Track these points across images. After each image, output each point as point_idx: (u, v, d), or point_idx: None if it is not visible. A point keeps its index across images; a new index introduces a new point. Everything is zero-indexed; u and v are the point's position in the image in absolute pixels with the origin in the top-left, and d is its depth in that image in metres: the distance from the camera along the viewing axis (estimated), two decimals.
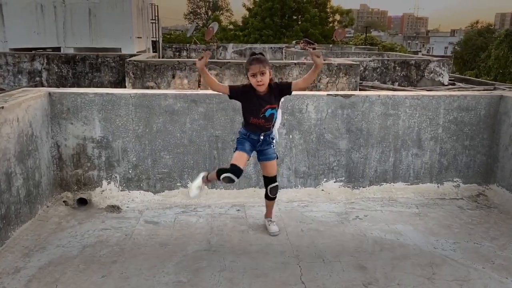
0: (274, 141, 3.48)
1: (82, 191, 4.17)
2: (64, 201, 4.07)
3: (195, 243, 3.41)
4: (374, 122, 4.33)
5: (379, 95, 4.33)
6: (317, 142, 4.33)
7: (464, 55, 45.99)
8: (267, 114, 3.29)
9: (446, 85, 11.11)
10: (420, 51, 73.00)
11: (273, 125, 3.41)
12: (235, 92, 3.33)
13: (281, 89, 3.35)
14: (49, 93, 3.94)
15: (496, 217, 3.97)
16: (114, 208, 4.04)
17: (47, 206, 3.91)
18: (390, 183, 4.46)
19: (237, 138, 3.46)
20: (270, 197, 3.54)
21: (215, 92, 4.08)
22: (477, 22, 66.44)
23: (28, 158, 3.57)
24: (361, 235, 3.57)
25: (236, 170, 3.22)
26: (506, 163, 4.29)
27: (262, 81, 3.19)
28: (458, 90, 9.30)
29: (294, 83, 3.32)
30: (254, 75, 3.19)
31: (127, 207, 4.07)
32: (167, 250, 3.28)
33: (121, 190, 4.21)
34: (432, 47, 73.22)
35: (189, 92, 4.20)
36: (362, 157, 4.39)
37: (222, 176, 3.25)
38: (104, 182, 4.19)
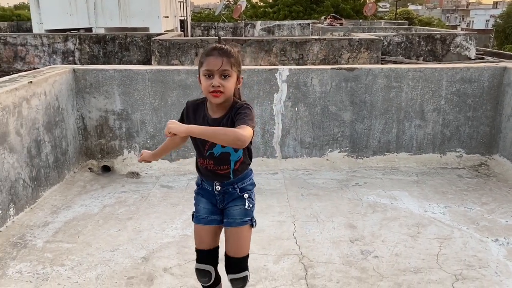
0: (246, 194, 2.14)
1: (105, 159, 4.59)
2: (89, 168, 4.51)
3: None
4: (377, 94, 4.51)
5: (382, 68, 4.49)
6: (321, 114, 4.55)
7: (506, 28, 43.92)
8: (215, 151, 2.04)
9: (473, 59, 10.92)
10: (459, 25, 70.16)
11: (235, 170, 2.08)
12: (181, 117, 2.15)
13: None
14: (74, 70, 4.34)
15: (493, 185, 4.12)
16: (134, 174, 4.44)
17: (74, 172, 4.35)
18: (393, 153, 4.65)
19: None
20: None
21: None
22: None
23: (55, 128, 4.00)
24: (357, 199, 3.82)
25: (201, 258, 2.22)
26: (508, 134, 4.39)
27: (220, 88, 1.91)
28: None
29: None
30: (208, 75, 1.93)
31: (146, 173, 4.47)
32: (177, 210, 3.65)
33: None
34: (472, 21, 70.13)
35: None
36: (365, 128, 4.59)
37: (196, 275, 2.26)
38: (125, 151, 4.59)
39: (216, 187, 2.12)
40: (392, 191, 3.97)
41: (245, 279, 2.21)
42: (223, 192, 2.13)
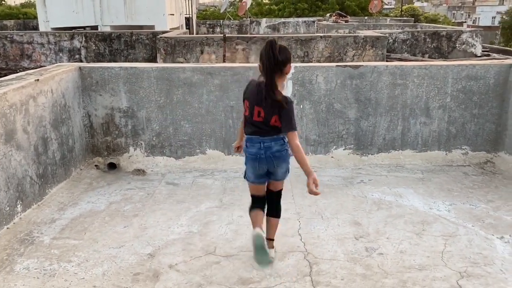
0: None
1: (111, 156, 4.62)
2: (95, 165, 4.54)
3: (209, 201, 3.78)
4: (382, 92, 4.50)
5: (387, 65, 4.48)
6: (326, 111, 4.55)
7: None
8: None
9: (479, 56, 10.85)
10: (465, 22, 69.67)
11: None
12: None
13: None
14: (80, 68, 4.36)
15: (498, 182, 4.10)
16: (140, 172, 4.47)
17: (80, 169, 4.39)
18: (398, 150, 4.65)
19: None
20: None
21: (230, 65, 4.40)
22: None
23: (62, 125, 4.03)
24: (362, 196, 3.82)
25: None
26: None
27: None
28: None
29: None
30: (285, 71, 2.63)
31: (151, 170, 4.49)
32: (183, 207, 3.67)
33: (146, 156, 4.62)
34: (479, 17, 69.61)
35: (205, 65, 4.51)
36: (370, 125, 4.59)
37: None
38: (131, 148, 4.62)
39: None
40: (397, 188, 3.97)
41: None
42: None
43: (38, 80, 3.64)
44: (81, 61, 10.00)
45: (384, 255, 2.90)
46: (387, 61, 9.42)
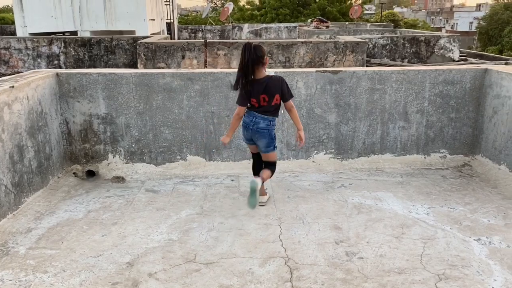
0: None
1: (90, 163, 4.55)
2: (74, 173, 4.46)
3: (189, 208, 3.74)
4: (361, 97, 4.54)
5: (365, 71, 4.53)
6: (307, 116, 4.57)
7: (489, 30, 44.65)
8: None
9: (457, 61, 11.08)
10: (443, 27, 71.08)
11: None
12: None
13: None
14: (57, 74, 4.29)
15: (475, 185, 4.17)
16: (119, 179, 4.41)
17: (58, 177, 4.31)
18: (378, 155, 4.69)
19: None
20: None
21: (210, 70, 4.40)
22: None
23: (38, 133, 3.95)
24: (343, 200, 3.84)
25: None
26: (490, 134, 4.46)
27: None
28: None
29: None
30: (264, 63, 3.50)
31: (131, 178, 4.44)
32: (163, 214, 3.63)
33: (126, 163, 4.57)
34: (457, 23, 71.16)
35: (185, 70, 4.49)
36: (350, 130, 4.62)
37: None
38: (110, 156, 4.55)
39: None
40: (377, 192, 4.00)
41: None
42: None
43: (13, 87, 3.56)
44: (60, 67, 9.86)
45: (364, 259, 2.92)
46: (367, 66, 9.54)
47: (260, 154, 3.69)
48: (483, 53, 15.64)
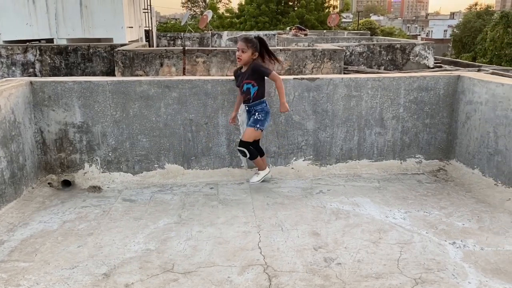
0: (257, 114, 4.19)
1: (66, 173, 4.47)
2: (49, 183, 4.37)
3: (167, 217, 3.70)
4: (338, 104, 4.60)
5: (342, 78, 4.59)
6: (286, 123, 4.60)
7: (463, 37, 45.89)
8: (244, 88, 4.16)
9: (432, 68, 11.33)
10: (419, 35, 72.69)
11: (252, 99, 4.17)
12: (234, 73, 4.35)
13: (258, 71, 4.12)
14: (31, 82, 4.21)
15: (450, 189, 4.26)
16: (96, 189, 4.34)
17: (32, 188, 4.21)
18: (355, 160, 4.74)
19: None
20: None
21: (187, 78, 4.39)
22: (476, 4, 65.91)
23: (11, 142, 3.86)
24: (321, 206, 3.86)
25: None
26: (463, 139, 4.56)
27: (239, 57, 4.11)
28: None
29: (272, 75, 4.10)
30: (237, 50, 4.12)
31: (108, 187, 4.37)
32: (140, 224, 3.58)
33: (102, 172, 4.50)
34: (431, 31, 72.89)
35: (162, 78, 4.46)
36: (328, 136, 4.67)
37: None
38: (86, 165, 4.48)
39: (246, 107, 4.30)
40: (355, 198, 4.04)
41: (243, 152, 4.24)
42: (247, 110, 4.30)
43: None
44: (35, 75, 9.67)
45: (342, 265, 2.93)
46: (344, 73, 9.66)
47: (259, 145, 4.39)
48: (457, 60, 16.04)
